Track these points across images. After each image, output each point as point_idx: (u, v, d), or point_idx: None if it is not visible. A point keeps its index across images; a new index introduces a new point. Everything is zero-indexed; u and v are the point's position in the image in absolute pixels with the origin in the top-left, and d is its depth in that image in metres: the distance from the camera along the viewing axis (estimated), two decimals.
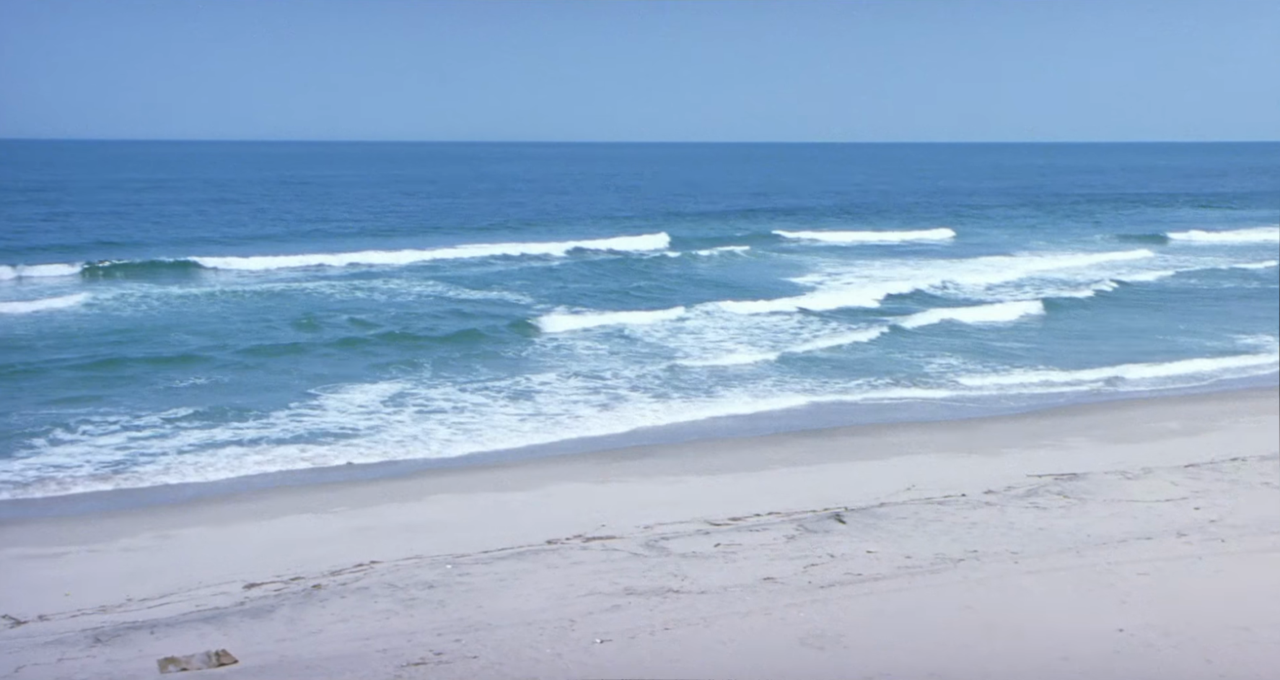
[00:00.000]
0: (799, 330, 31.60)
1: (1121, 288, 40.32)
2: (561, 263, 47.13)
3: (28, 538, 15.55)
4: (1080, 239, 59.41)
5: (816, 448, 20.18)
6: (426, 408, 22.67)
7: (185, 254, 43.44)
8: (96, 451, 19.41)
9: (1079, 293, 39.06)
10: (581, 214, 73.58)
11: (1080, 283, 41.58)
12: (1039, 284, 41.84)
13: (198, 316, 31.32)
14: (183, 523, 16.20)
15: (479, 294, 37.67)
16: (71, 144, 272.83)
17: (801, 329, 31.81)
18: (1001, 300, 37.23)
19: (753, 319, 33.18)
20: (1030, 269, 45.97)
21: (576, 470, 18.75)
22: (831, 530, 13.48)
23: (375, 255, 46.21)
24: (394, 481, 18.31)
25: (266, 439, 20.44)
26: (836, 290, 39.45)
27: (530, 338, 29.50)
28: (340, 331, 29.89)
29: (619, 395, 23.81)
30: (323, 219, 65.10)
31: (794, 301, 36.23)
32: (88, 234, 52.70)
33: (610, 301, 36.26)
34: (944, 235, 60.97)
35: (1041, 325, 33.02)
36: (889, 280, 41.66)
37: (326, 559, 13.81)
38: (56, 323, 29.75)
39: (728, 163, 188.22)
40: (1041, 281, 42.63)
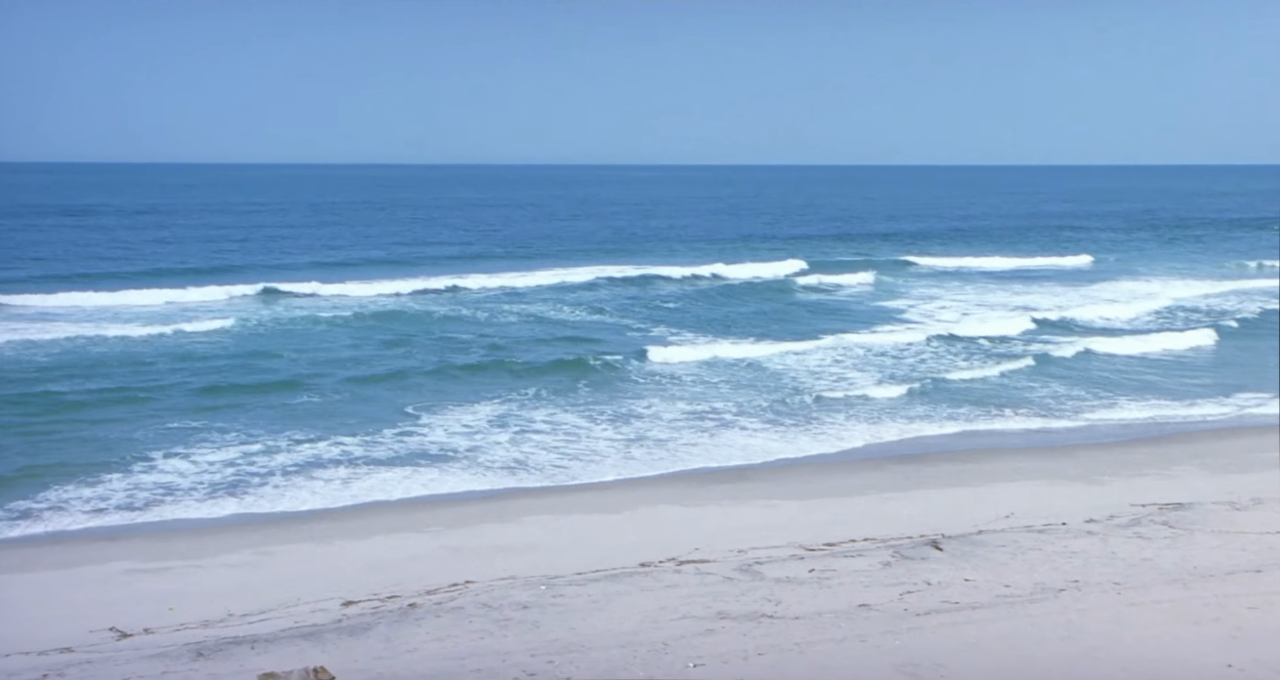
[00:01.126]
0: (936, 360, 30.49)
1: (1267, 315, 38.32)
2: (684, 287, 46.47)
3: (135, 552, 15.92)
4: (1212, 264, 57.27)
5: (913, 474, 19.93)
6: (527, 429, 22.80)
7: (297, 278, 44.06)
8: (205, 470, 19.84)
9: (1228, 321, 37.25)
10: (697, 236, 73.53)
11: (1227, 311, 39.87)
12: (1187, 311, 40.18)
13: (309, 340, 31.75)
14: (283, 539, 16.47)
15: (593, 317, 37.40)
16: (171, 167, 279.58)
17: (939, 358, 30.72)
18: (1152, 329, 35.70)
19: (885, 348, 32.00)
20: (1175, 295, 44.02)
21: (670, 493, 18.73)
22: (928, 557, 13.29)
23: (481, 279, 46.30)
24: (489, 502, 18.44)
25: (368, 459, 20.73)
26: (978, 318, 37.97)
27: (642, 365, 29.03)
28: (447, 355, 30.18)
29: (725, 422, 23.61)
30: (425, 241, 65.83)
31: (930, 329, 35.13)
32: (199, 258, 53.92)
33: (729, 328, 35.65)
34: (1081, 261, 59.10)
35: (1202, 355, 31.66)
36: (1027, 310, 39.93)
37: (422, 578, 13.94)
38: (179, 345, 30.44)
39: (823, 185, 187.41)
40: (1188, 308, 40.92)
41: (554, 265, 52.86)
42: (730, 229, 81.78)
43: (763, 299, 43.30)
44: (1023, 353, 31.31)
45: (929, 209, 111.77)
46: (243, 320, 34.23)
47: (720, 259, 56.88)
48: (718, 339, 33.37)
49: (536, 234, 74.64)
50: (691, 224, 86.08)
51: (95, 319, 34.37)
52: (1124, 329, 36.35)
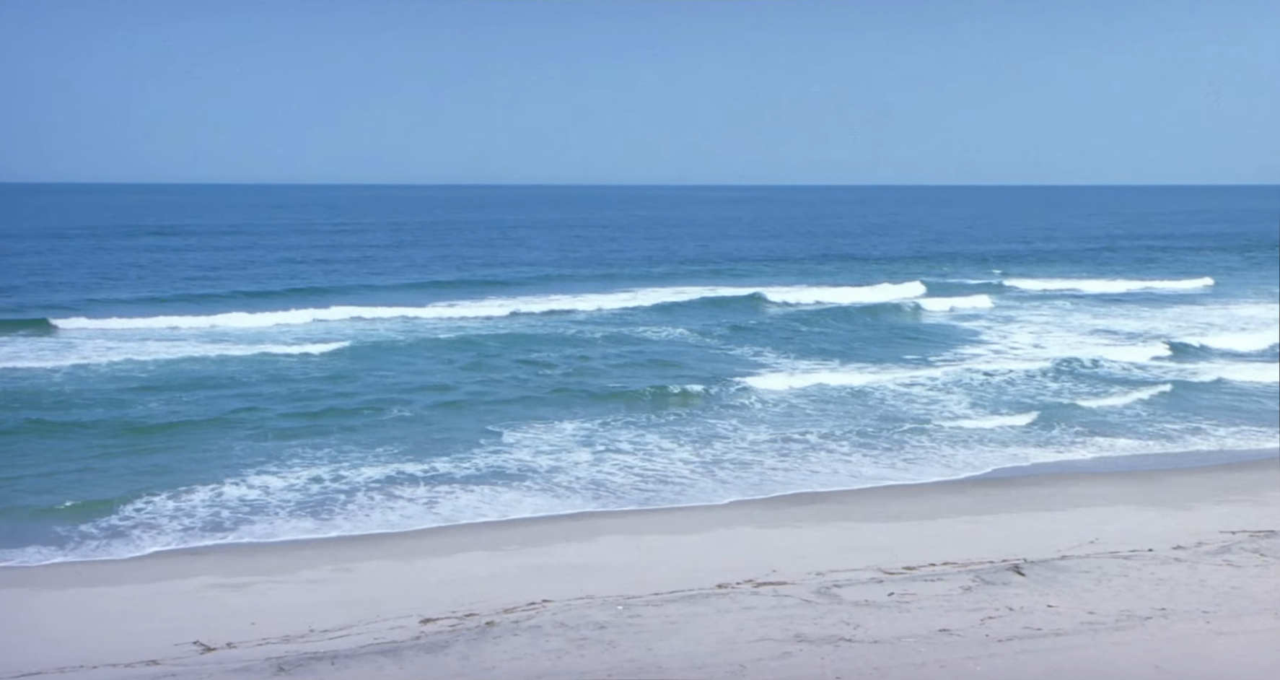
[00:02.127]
0: (1060, 387, 29.13)
1: None
2: (781, 310, 45.20)
3: (219, 567, 16.17)
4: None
5: (995, 497, 19.66)
6: (609, 450, 22.82)
7: (382, 300, 44.25)
8: (291, 487, 20.11)
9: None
10: (781, 256, 72.89)
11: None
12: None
13: (395, 361, 31.82)
14: (364, 556, 16.64)
15: (684, 340, 36.75)
16: (241, 188, 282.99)
17: (1063, 385, 29.28)
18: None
19: (1006, 375, 30.57)
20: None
21: (749, 515, 18.64)
22: (1010, 582, 13.10)
23: (568, 300, 46.03)
24: (567, 521, 18.48)
25: (450, 478, 20.87)
26: (1103, 343, 36.36)
27: (734, 389, 28.23)
28: (533, 376, 30.32)
29: (813, 446, 23.31)
30: (507, 262, 66.02)
31: (1050, 352, 34.06)
32: (288, 279, 54.65)
33: (831, 354, 34.49)
34: (1201, 283, 56.16)
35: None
36: (1155, 335, 38.07)
37: (500, 596, 14.01)
38: (270, 366, 30.86)
39: (894, 204, 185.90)
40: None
41: (639, 286, 52.62)
42: (816, 249, 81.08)
43: (867, 324, 41.81)
44: (1155, 380, 29.86)
45: (1012, 230, 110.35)
46: (332, 342, 34.56)
47: (814, 280, 56.09)
48: (818, 364, 32.44)
49: (619, 254, 74.57)
50: (774, 244, 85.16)
51: (190, 339, 34.93)
52: (1258, 355, 34.52)
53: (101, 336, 35.03)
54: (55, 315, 38.48)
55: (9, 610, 14.47)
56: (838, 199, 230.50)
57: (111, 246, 72.57)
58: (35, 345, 33.21)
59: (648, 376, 30.24)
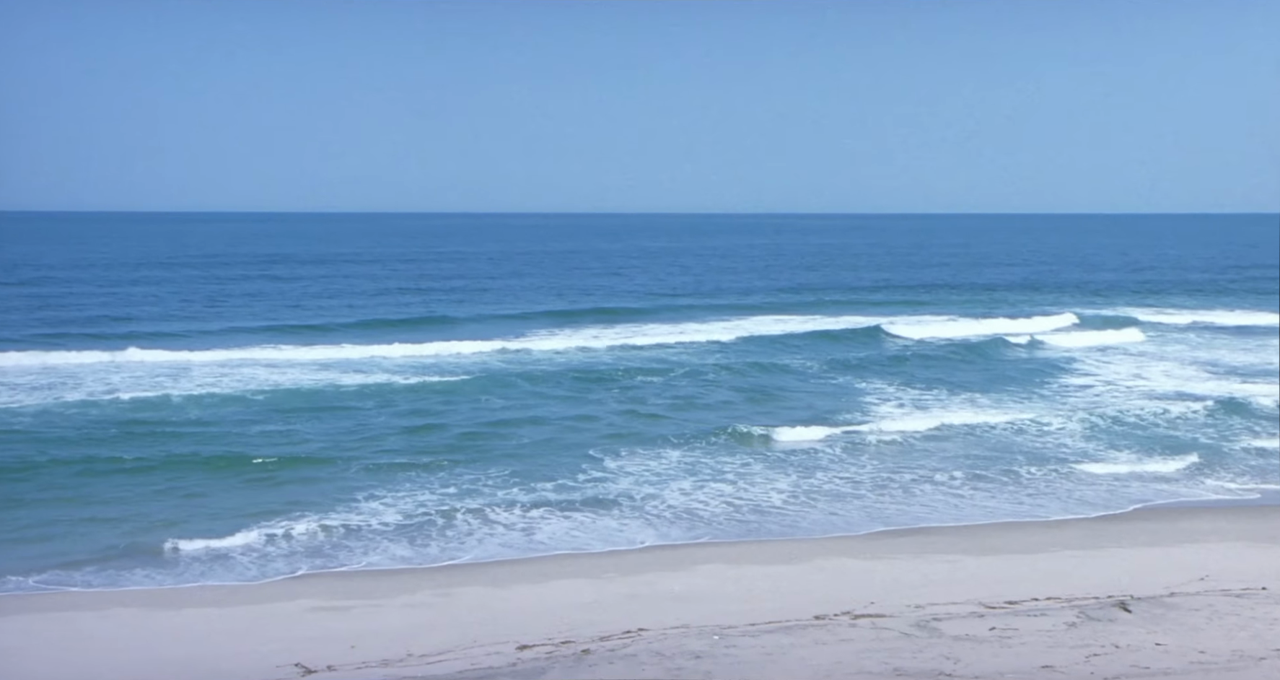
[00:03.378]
0: (1219, 429, 27.60)
1: None
2: (897, 343, 43.40)
3: (320, 590, 16.42)
4: None
5: (1100, 531, 19.24)
6: (712, 481, 22.74)
7: (488, 333, 44.29)
8: (395, 513, 20.38)
9: None
10: (895, 285, 71.94)
11: None
12: None
13: (508, 389, 31.97)
14: (462, 582, 16.78)
15: (806, 372, 35.88)
16: (341, 217, 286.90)
17: (1222, 426, 27.84)
18: None
19: (1157, 415, 28.85)
20: None
21: (848, 546, 18.45)
22: (1116, 619, 12.79)
23: (673, 330, 45.65)
24: (663, 550, 18.45)
25: (550, 504, 21.00)
26: (1248, 382, 34.18)
27: (849, 426, 27.42)
28: (644, 406, 30.26)
29: (920, 479, 22.93)
30: (607, 292, 66.06)
31: (1207, 386, 32.77)
32: (390, 309, 55.49)
33: (957, 389, 33.22)
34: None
35: None
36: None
37: (596, 624, 14.02)
38: (378, 395, 31.24)
39: (981, 233, 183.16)
40: None
41: (749, 316, 52.22)
42: (929, 278, 79.68)
43: (996, 358, 40.01)
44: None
45: (1116, 258, 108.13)
46: (440, 372, 34.88)
47: (934, 310, 55.05)
48: (938, 400, 31.47)
49: (727, 283, 73.70)
50: (885, 274, 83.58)
51: (298, 367, 35.41)
52: None
53: (213, 364, 35.74)
54: (170, 343, 39.52)
55: (123, 629, 14.84)
56: (924, 227, 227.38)
57: (220, 275, 74.27)
58: (152, 372, 34.05)
59: (754, 408, 30.08)
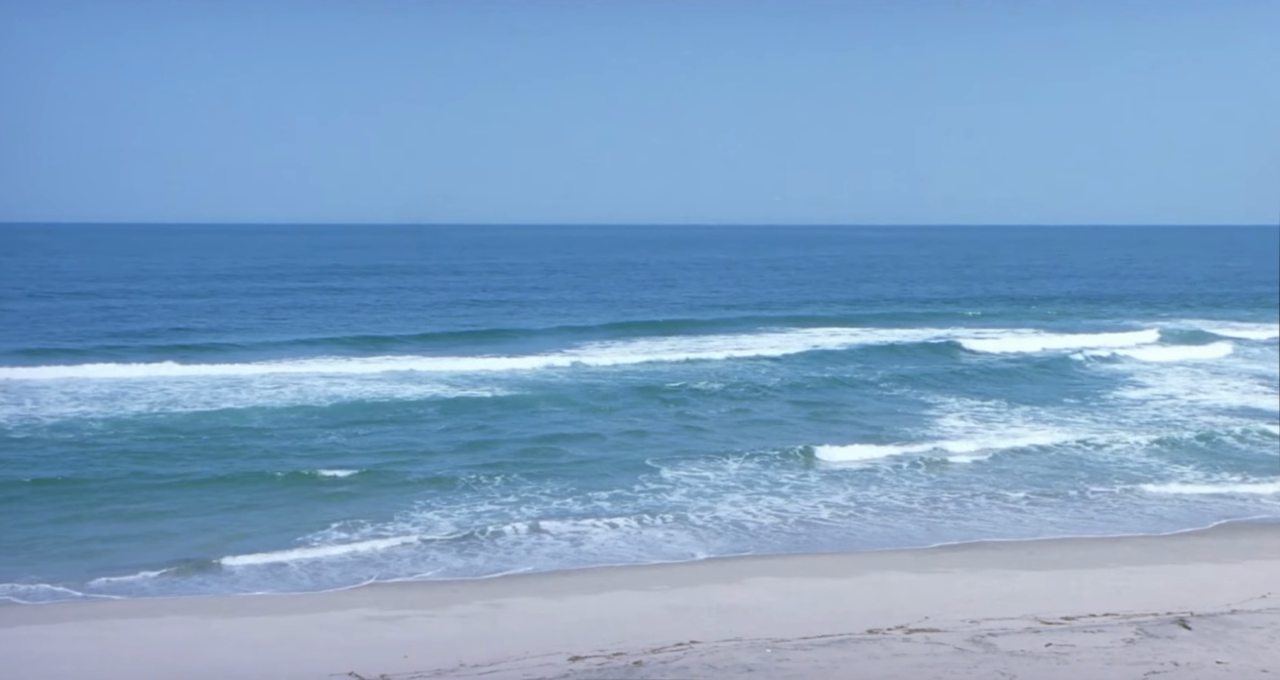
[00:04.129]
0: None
1: None
2: (968, 359, 42.00)
3: (375, 600, 16.52)
4: None
5: (1158, 547, 18.96)
6: (766, 493, 22.73)
7: (544, 345, 44.33)
8: (450, 523, 20.54)
9: None
10: (954, 298, 70.70)
11: None
12: None
13: (560, 402, 31.99)
14: (514, 592, 16.82)
15: (879, 386, 35.30)
16: (387, 228, 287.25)
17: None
18: None
19: (1236, 430, 28.12)
20: None
21: (900, 560, 18.31)
22: (1175, 636, 12.59)
23: (739, 341, 45.41)
24: (715, 562, 18.41)
25: (604, 514, 21.07)
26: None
27: (916, 444, 26.77)
28: (702, 418, 30.31)
29: (976, 492, 22.72)
30: (661, 304, 66.12)
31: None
32: (445, 322, 55.67)
33: (1019, 407, 32.25)
34: None
35: None
36: None
37: (648, 636, 14.00)
38: (435, 406, 31.33)
39: (1063, 246, 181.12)
40: None
41: (814, 325, 52.25)
42: (997, 290, 78.55)
43: (1077, 374, 38.85)
44: None
45: (1177, 269, 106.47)
46: (495, 384, 35.00)
47: (1010, 323, 54.19)
48: (1009, 417, 30.77)
49: (788, 295, 72.72)
50: (946, 287, 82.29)
51: (355, 380, 35.59)
52: None
53: (272, 376, 36.07)
54: (229, 355, 40.06)
55: (180, 637, 15.01)
56: (967, 239, 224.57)
57: (277, 287, 74.99)
58: (213, 384, 34.44)
59: (813, 424, 29.86)
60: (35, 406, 30.14)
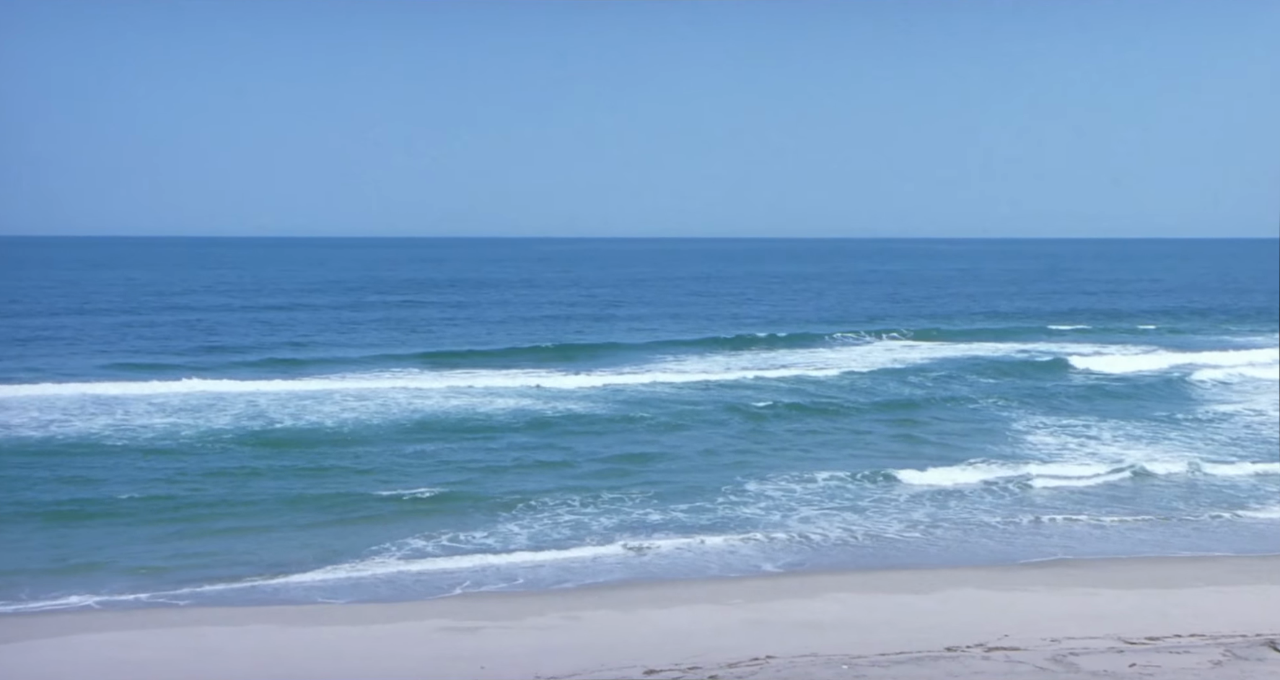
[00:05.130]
0: None
1: None
2: (1070, 379, 40.57)
3: (451, 611, 16.62)
4: None
5: (1249, 568, 18.51)
6: (845, 508, 22.63)
7: (623, 363, 44.46)
8: (525, 535, 20.73)
9: None
10: (1043, 312, 69.17)
11: None
12: None
13: (656, 414, 32.11)
14: (590, 605, 16.84)
15: (979, 405, 34.41)
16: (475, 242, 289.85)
17: None
18: None
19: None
20: None
21: (979, 576, 18.05)
22: (1265, 659, 12.29)
23: (834, 356, 44.99)
24: (791, 577, 18.29)
25: (685, 527, 21.11)
26: None
27: (1009, 468, 25.76)
28: (782, 432, 30.36)
29: (1059, 514, 22.20)
30: (737, 318, 65.88)
31: None
32: (543, 335, 56.15)
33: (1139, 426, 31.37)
34: None
35: None
36: None
37: (723, 650, 13.94)
38: (523, 417, 31.41)
39: (1133, 260, 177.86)
40: None
41: (895, 338, 51.96)
42: (1080, 304, 77.29)
43: (1194, 395, 37.30)
44: None
45: (1266, 282, 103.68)
46: (580, 398, 35.16)
47: (1124, 339, 53.21)
48: (1110, 437, 29.87)
49: (869, 309, 72.20)
50: (1029, 303, 79.87)
51: (447, 394, 35.78)
52: None
53: (356, 391, 36.44)
54: (313, 369, 40.71)
55: (259, 645, 15.22)
56: (1051, 251, 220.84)
57: (358, 301, 75.87)
58: (299, 397, 34.93)
59: (899, 442, 29.47)
60: (126, 417, 30.80)
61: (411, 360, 44.07)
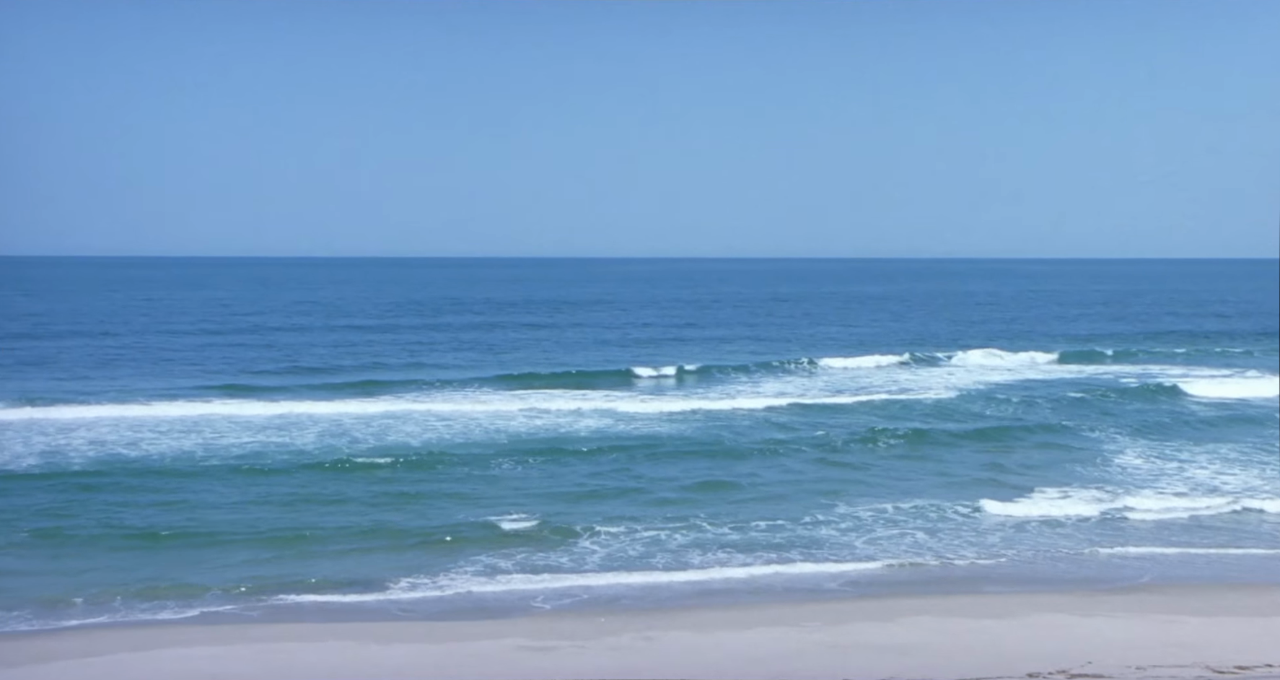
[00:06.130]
0: None
1: None
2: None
3: (526, 630, 16.67)
4: None
5: None
6: (931, 530, 22.47)
7: (700, 386, 45.54)
8: (601, 554, 20.82)
9: None
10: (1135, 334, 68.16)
11: None
12: None
13: (718, 441, 31.71)
14: (664, 625, 16.81)
15: (1081, 434, 33.70)
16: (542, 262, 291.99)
17: None
18: None
19: None
20: None
21: (1060, 601, 17.75)
22: None
23: (921, 373, 44.94)
24: (869, 599, 18.12)
25: (755, 551, 20.99)
26: None
27: (1103, 501, 24.94)
28: (879, 449, 30.56)
29: (1142, 539, 21.92)
30: (819, 339, 65.62)
31: None
32: (592, 358, 56.53)
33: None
34: None
35: None
36: None
37: (799, 673, 13.87)
38: (595, 441, 31.59)
39: (1200, 279, 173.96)
40: None
41: (993, 360, 51.49)
42: (1173, 326, 75.50)
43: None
44: None
45: None
46: (658, 421, 35.26)
47: (1209, 364, 51.67)
48: (1214, 467, 28.75)
49: (954, 331, 71.16)
50: (1113, 325, 77.95)
51: (522, 416, 36.01)
52: None
53: (438, 412, 36.71)
54: (395, 391, 41.14)
55: (337, 662, 15.39)
56: (1129, 272, 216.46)
57: (437, 322, 76.47)
58: (382, 418, 35.43)
59: (987, 469, 28.73)
60: (215, 436, 31.40)
61: (491, 381, 44.24)
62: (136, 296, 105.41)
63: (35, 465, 27.47)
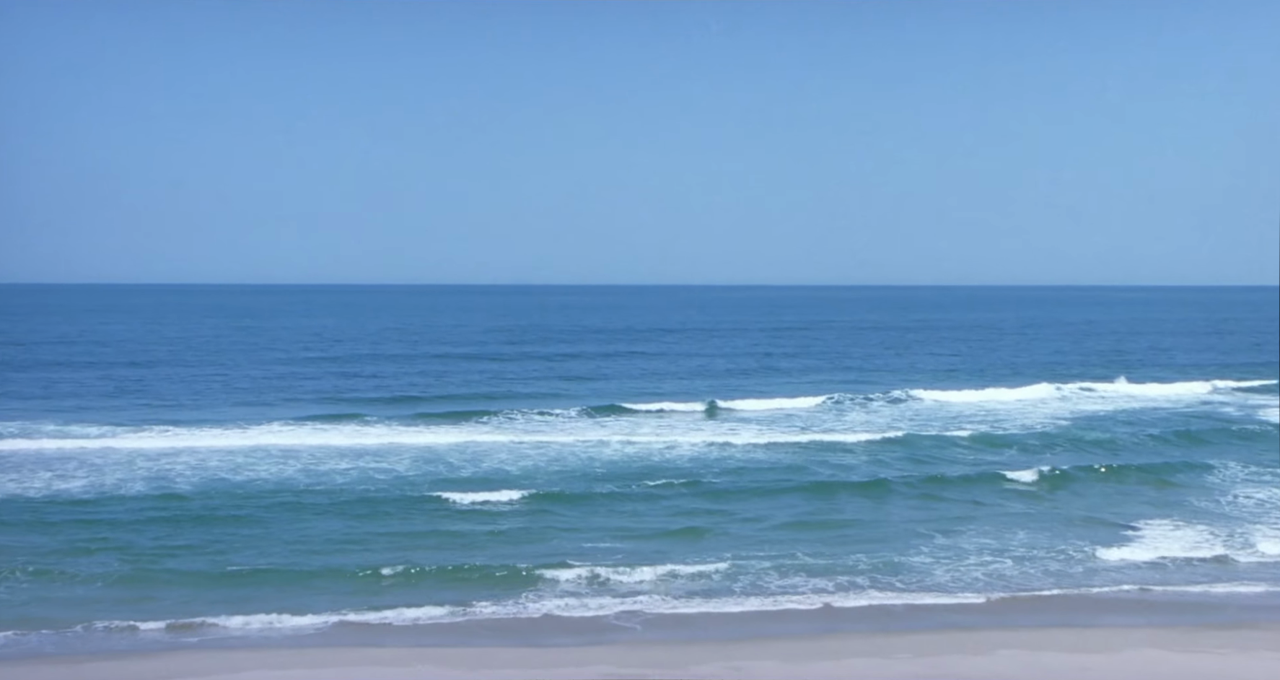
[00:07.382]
0: None
1: None
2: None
3: (613, 658, 16.61)
4: None
5: None
6: (1026, 558, 22.19)
7: (785, 420, 45.25)
8: (694, 581, 20.81)
9: None
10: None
11: None
12: None
13: (807, 471, 31.53)
14: (753, 655, 16.69)
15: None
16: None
17: None
18: None
19: None
20: None
21: (1160, 637, 17.32)
22: None
23: (1011, 412, 43.88)
24: (959, 632, 17.83)
25: (845, 581, 20.81)
26: None
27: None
28: (985, 477, 30.28)
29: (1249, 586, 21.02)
30: (921, 368, 64.24)
31: None
32: (679, 386, 56.42)
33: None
34: None
35: None
36: None
37: None
38: (683, 470, 31.56)
39: None
40: None
41: (1086, 391, 50.58)
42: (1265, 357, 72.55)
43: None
44: None
45: None
46: (777, 449, 35.28)
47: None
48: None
49: (1044, 359, 69.83)
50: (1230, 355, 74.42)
51: (607, 446, 36.06)
52: None
53: (525, 444, 37.01)
54: (486, 421, 41.54)
55: None
56: (1212, 300, 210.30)
57: (519, 351, 76.68)
58: (472, 448, 35.75)
59: (1076, 498, 28.35)
60: (314, 462, 31.86)
61: (581, 409, 44.08)
62: (230, 325, 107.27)
63: (142, 491, 27.98)
